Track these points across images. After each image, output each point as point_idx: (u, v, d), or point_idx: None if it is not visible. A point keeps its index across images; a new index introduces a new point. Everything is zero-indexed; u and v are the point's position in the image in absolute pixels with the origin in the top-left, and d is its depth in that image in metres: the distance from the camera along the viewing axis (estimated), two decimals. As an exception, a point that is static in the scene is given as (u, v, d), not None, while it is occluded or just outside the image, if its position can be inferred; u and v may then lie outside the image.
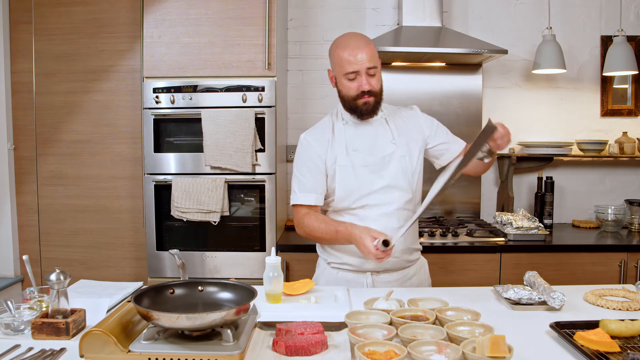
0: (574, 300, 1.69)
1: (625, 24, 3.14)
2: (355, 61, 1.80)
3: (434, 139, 1.98)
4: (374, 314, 1.44)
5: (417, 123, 1.98)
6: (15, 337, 1.37)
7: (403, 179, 1.90)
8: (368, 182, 1.88)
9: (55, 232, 3.05)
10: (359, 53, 1.80)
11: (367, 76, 1.82)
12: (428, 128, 1.98)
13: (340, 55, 1.82)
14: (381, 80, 1.89)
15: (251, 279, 2.71)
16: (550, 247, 2.73)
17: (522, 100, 3.31)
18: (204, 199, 2.68)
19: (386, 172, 1.89)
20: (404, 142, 1.92)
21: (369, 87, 1.82)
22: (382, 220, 1.87)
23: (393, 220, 1.88)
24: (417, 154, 1.94)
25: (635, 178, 3.34)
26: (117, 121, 3.00)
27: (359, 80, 1.83)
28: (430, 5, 2.94)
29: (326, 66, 3.26)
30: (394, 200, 1.89)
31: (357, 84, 1.83)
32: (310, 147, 1.93)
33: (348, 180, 1.89)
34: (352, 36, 1.87)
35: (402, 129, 1.95)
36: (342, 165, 1.90)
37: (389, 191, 1.89)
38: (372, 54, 1.82)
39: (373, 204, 1.89)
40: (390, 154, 1.90)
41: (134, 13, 2.92)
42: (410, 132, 1.95)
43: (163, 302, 1.37)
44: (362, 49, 1.80)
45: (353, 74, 1.82)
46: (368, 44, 1.83)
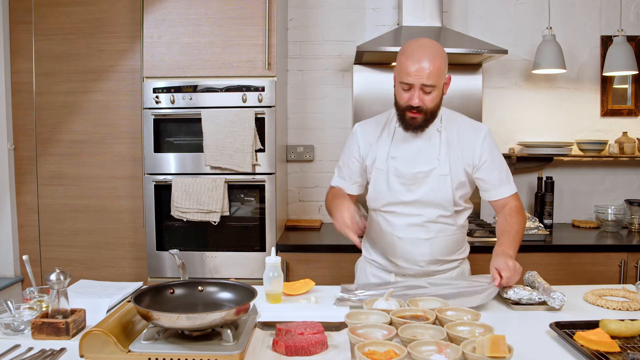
0: (574, 300, 1.69)
1: (625, 24, 3.13)
2: (412, 73, 1.71)
3: (478, 172, 1.87)
4: (374, 314, 1.44)
5: (474, 146, 1.85)
6: (15, 337, 1.37)
7: (439, 196, 1.83)
8: (398, 192, 1.86)
9: (55, 232, 3.05)
10: (419, 66, 1.70)
11: (422, 92, 1.73)
12: (478, 158, 1.85)
13: (402, 61, 1.74)
14: (439, 99, 1.78)
15: (251, 279, 2.71)
16: (550, 247, 2.73)
17: (522, 100, 3.31)
18: (204, 199, 2.68)
19: (419, 187, 1.84)
20: (452, 159, 1.83)
21: (418, 104, 1.74)
22: (409, 229, 1.87)
23: (421, 232, 1.87)
24: (464, 174, 1.85)
25: (635, 178, 3.34)
26: (117, 121, 3.00)
27: (411, 93, 1.74)
28: (430, 5, 2.94)
29: (326, 66, 3.29)
30: (424, 214, 1.85)
31: (408, 96, 1.75)
32: (355, 139, 1.96)
33: (379, 185, 1.89)
34: (423, 45, 1.75)
35: (453, 144, 1.85)
36: (377, 169, 1.89)
37: (419, 205, 1.85)
38: (435, 71, 1.70)
39: (401, 213, 1.87)
40: (428, 170, 1.83)
41: (134, 13, 2.92)
42: (462, 150, 1.85)
43: (163, 302, 1.37)
44: (425, 63, 1.69)
45: (407, 85, 1.74)
46: (434, 59, 1.71)
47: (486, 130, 1.88)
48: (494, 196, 1.89)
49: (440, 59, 1.73)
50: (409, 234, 1.87)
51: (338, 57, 3.28)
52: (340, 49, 3.28)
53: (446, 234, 1.89)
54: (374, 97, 3.23)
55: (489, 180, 1.87)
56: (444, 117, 1.88)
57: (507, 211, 1.87)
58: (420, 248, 1.88)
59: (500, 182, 1.87)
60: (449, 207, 1.85)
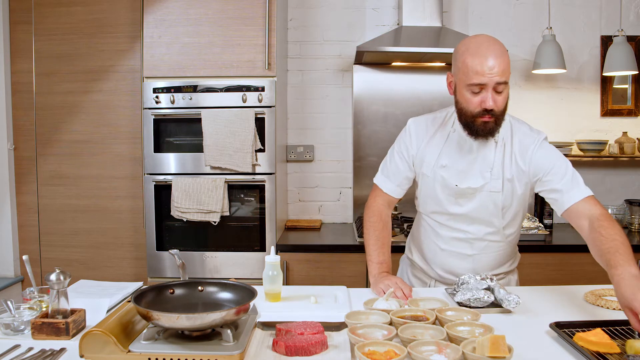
0: (574, 300, 1.69)
1: (625, 24, 3.13)
2: (485, 72, 1.54)
3: (543, 184, 1.67)
4: (374, 314, 1.44)
5: (531, 157, 1.68)
6: (15, 337, 1.37)
7: (487, 213, 1.71)
8: (445, 203, 1.76)
9: (55, 232, 3.05)
10: (490, 62, 1.54)
11: (494, 93, 1.57)
12: (541, 169, 1.66)
13: (468, 62, 1.57)
14: (508, 99, 1.63)
15: (251, 279, 2.71)
16: (550, 247, 2.73)
17: (522, 100, 3.31)
18: (204, 199, 2.68)
19: (467, 202, 1.72)
20: (506, 175, 1.69)
21: (493, 106, 1.57)
22: (452, 242, 1.80)
23: (465, 247, 1.79)
24: (520, 191, 1.70)
25: (635, 178, 3.34)
26: (117, 121, 3.00)
27: (483, 95, 1.57)
28: (430, 5, 2.94)
29: (326, 66, 3.29)
30: (470, 230, 1.76)
31: (480, 99, 1.58)
32: (408, 136, 1.81)
33: (427, 192, 1.80)
34: (486, 41, 1.60)
35: (509, 158, 1.69)
36: (424, 175, 1.78)
37: (466, 220, 1.75)
38: (506, 67, 1.56)
39: (447, 225, 1.79)
40: (478, 187, 1.70)
41: (134, 13, 2.92)
42: (520, 163, 1.68)
43: (163, 302, 1.37)
44: (495, 59, 1.54)
45: (478, 87, 1.57)
46: (503, 54, 1.57)
47: (541, 138, 1.72)
48: (565, 204, 1.62)
49: (506, 53, 1.59)
50: (452, 247, 1.80)
51: (338, 57, 3.28)
52: (340, 49, 3.28)
53: (491, 250, 1.80)
54: (374, 97, 3.23)
55: (554, 189, 1.65)
56: (504, 127, 1.69)
57: (596, 223, 1.53)
58: (462, 263, 1.81)
59: (568, 187, 1.63)
60: (497, 225, 1.75)
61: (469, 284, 1.62)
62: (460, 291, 1.60)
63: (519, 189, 1.70)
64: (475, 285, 1.61)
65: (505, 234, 1.78)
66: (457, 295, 1.60)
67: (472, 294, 1.57)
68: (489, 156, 1.70)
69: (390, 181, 1.86)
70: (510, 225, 1.78)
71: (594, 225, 1.54)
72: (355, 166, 3.28)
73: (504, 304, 1.54)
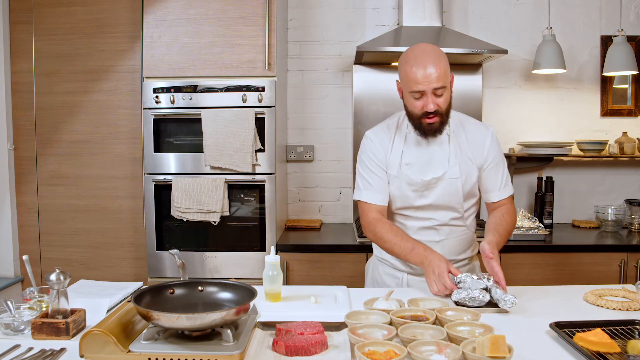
0: (574, 300, 1.69)
1: (625, 24, 3.14)
2: (421, 80, 1.72)
3: (483, 173, 1.90)
4: (374, 314, 1.44)
5: (482, 148, 1.88)
6: (15, 337, 1.37)
7: (451, 199, 1.86)
8: (410, 198, 1.88)
9: (55, 232, 3.05)
10: (426, 72, 1.71)
11: (434, 96, 1.75)
12: (484, 159, 1.88)
13: (407, 71, 1.75)
14: (450, 99, 1.81)
15: (251, 279, 2.71)
16: (550, 247, 2.73)
17: (522, 100, 3.31)
18: (204, 199, 2.68)
19: (431, 192, 1.86)
20: (462, 162, 1.86)
21: (434, 108, 1.75)
22: (421, 232, 1.90)
23: (433, 234, 1.90)
24: (474, 176, 1.88)
25: (635, 178, 3.34)
26: (117, 121, 3.00)
27: (424, 100, 1.76)
28: (430, 5, 2.94)
29: (326, 66, 3.29)
30: (436, 217, 1.89)
31: (422, 103, 1.76)
32: (373, 145, 1.93)
33: (392, 191, 1.91)
34: (422, 51, 1.77)
35: (462, 148, 1.87)
36: (391, 175, 1.90)
37: (431, 209, 1.88)
38: (442, 72, 1.73)
39: (414, 216, 1.91)
40: (439, 176, 1.84)
41: (134, 13, 2.92)
42: (472, 152, 1.87)
43: (163, 302, 1.37)
44: (430, 68, 1.71)
45: (418, 93, 1.75)
46: (438, 61, 1.73)
47: (492, 131, 1.91)
48: (494, 198, 1.91)
49: (443, 59, 1.76)
50: (421, 237, 1.88)
51: (338, 57, 3.28)
52: (340, 49, 3.28)
53: (456, 234, 1.92)
54: (374, 97, 3.23)
55: (492, 182, 1.90)
56: (452, 121, 1.88)
57: (503, 211, 1.90)
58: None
59: (502, 185, 1.91)
60: (459, 209, 1.89)
61: (466, 283, 1.62)
62: (457, 290, 1.60)
63: (473, 173, 1.87)
64: (471, 284, 1.61)
65: (466, 218, 1.93)
66: (453, 295, 1.60)
67: (467, 293, 1.57)
68: (444, 148, 1.87)
69: (377, 192, 1.92)
70: (469, 211, 1.94)
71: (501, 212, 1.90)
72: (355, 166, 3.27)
73: (500, 304, 1.55)
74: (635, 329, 1.39)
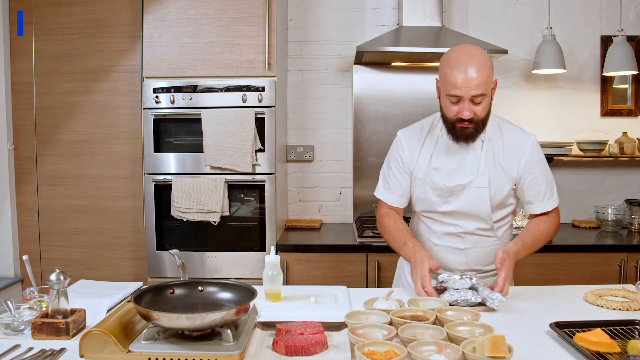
0: (574, 300, 1.69)
1: (625, 24, 3.13)
2: (460, 85, 1.63)
3: (523, 184, 1.78)
4: (374, 314, 1.44)
5: (520, 157, 1.76)
6: (15, 337, 1.37)
7: (477, 209, 1.77)
8: (434, 203, 1.82)
9: (55, 232, 3.05)
10: (467, 77, 1.61)
11: (472, 103, 1.66)
12: (524, 170, 1.76)
13: (447, 72, 1.65)
14: (489, 107, 1.71)
15: (251, 279, 2.71)
16: (550, 247, 2.73)
17: (522, 100, 3.31)
18: (204, 199, 2.68)
19: (456, 199, 1.79)
20: (493, 172, 1.76)
21: (470, 116, 1.66)
22: (445, 238, 1.85)
23: (457, 242, 1.84)
24: (506, 187, 1.77)
25: (635, 178, 3.34)
26: (117, 121, 3.00)
27: (460, 105, 1.67)
28: (430, 5, 2.94)
29: (326, 66, 3.29)
30: (461, 225, 1.81)
31: (457, 108, 1.67)
32: (401, 147, 1.88)
33: (418, 193, 1.86)
34: (465, 54, 1.65)
35: (498, 155, 1.77)
36: (416, 177, 1.85)
37: (456, 216, 1.81)
38: (484, 80, 1.62)
39: (439, 221, 1.85)
40: (465, 183, 1.76)
41: (134, 13, 2.92)
42: (507, 162, 1.76)
43: (163, 302, 1.37)
44: (472, 73, 1.61)
45: (455, 98, 1.66)
46: (482, 67, 1.62)
47: (533, 139, 1.79)
48: (536, 210, 1.82)
49: (487, 65, 1.65)
50: (445, 242, 1.85)
51: (338, 57, 3.28)
52: (340, 49, 3.28)
53: (483, 245, 1.84)
54: (374, 97, 3.23)
55: (533, 194, 1.80)
56: (490, 126, 1.78)
57: (544, 218, 1.83)
58: (456, 257, 1.85)
59: (544, 197, 1.80)
60: (487, 220, 1.80)
61: (449, 282, 1.63)
62: (447, 292, 1.61)
63: (505, 185, 1.77)
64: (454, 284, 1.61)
65: (496, 228, 1.83)
66: (445, 297, 1.60)
67: (459, 295, 1.58)
68: (476, 155, 1.78)
69: (392, 193, 1.92)
70: (501, 221, 1.84)
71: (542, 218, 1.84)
72: (355, 166, 3.28)
73: (487, 303, 1.55)
74: (635, 329, 1.39)
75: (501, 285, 1.62)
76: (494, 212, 1.79)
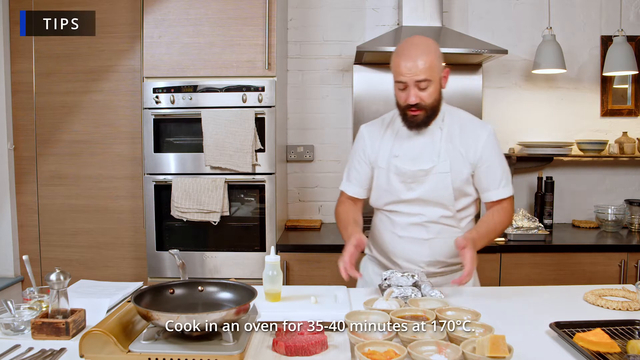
0: (574, 300, 1.69)
1: (625, 24, 3.13)
2: (404, 72, 1.72)
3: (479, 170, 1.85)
4: (374, 314, 1.44)
5: (476, 143, 1.84)
6: (15, 337, 1.37)
7: (439, 194, 1.83)
8: (398, 191, 1.86)
9: (55, 232, 3.05)
10: (409, 64, 1.70)
11: (417, 89, 1.74)
12: (480, 156, 1.83)
13: (395, 61, 1.76)
14: (437, 94, 1.78)
15: (251, 279, 2.70)
16: (550, 247, 2.73)
17: (522, 100, 3.31)
18: (204, 199, 2.68)
19: (419, 185, 1.84)
20: (453, 156, 1.82)
21: (415, 101, 1.74)
22: (409, 228, 1.88)
23: (422, 232, 1.87)
24: (465, 172, 1.84)
25: (635, 178, 3.34)
26: (117, 121, 3.00)
27: (407, 92, 1.75)
28: (430, 5, 2.94)
29: (326, 66, 3.29)
30: (425, 213, 1.85)
31: (405, 95, 1.76)
32: (363, 140, 1.96)
33: (380, 183, 1.90)
34: (411, 43, 1.76)
35: (455, 141, 1.84)
36: (379, 167, 1.90)
37: (420, 204, 1.85)
38: (428, 66, 1.71)
39: (403, 212, 1.88)
40: (428, 168, 1.82)
41: (134, 13, 2.92)
42: (465, 148, 1.84)
43: (163, 302, 1.37)
44: (415, 60, 1.70)
45: (402, 85, 1.75)
46: (425, 54, 1.71)
47: (490, 129, 1.87)
48: (491, 197, 1.88)
49: (431, 53, 1.73)
50: (409, 233, 1.88)
51: (338, 57, 3.28)
52: (340, 49, 3.28)
53: (447, 235, 1.87)
54: (374, 97, 3.23)
55: (488, 181, 1.86)
56: (446, 114, 1.86)
57: (498, 207, 1.88)
58: (421, 248, 1.88)
59: (499, 185, 1.86)
60: (450, 207, 1.85)
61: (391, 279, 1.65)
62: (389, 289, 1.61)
63: (464, 170, 1.84)
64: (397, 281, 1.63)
65: (459, 218, 1.88)
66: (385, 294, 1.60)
67: (399, 291, 1.60)
68: (435, 142, 1.84)
69: (352, 184, 1.99)
70: (464, 212, 1.89)
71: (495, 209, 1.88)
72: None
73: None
74: (635, 329, 1.39)
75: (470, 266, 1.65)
76: (456, 199, 1.84)
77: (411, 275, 1.66)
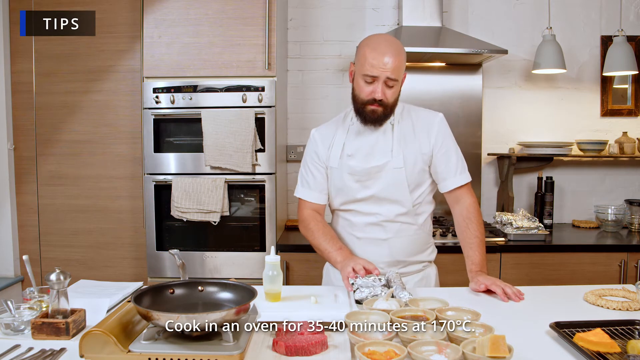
0: (574, 300, 1.69)
1: (625, 24, 3.13)
2: (378, 66, 1.71)
3: (433, 160, 1.84)
4: (374, 314, 1.44)
5: (429, 134, 1.84)
6: (15, 337, 1.37)
7: (395, 191, 1.81)
8: (353, 190, 1.85)
9: (55, 232, 3.05)
10: (385, 59, 1.70)
11: (385, 86, 1.74)
12: (433, 145, 1.83)
13: (366, 54, 1.73)
14: (398, 95, 1.80)
15: (251, 279, 2.70)
16: (550, 247, 2.73)
17: (522, 100, 3.31)
18: (204, 199, 2.68)
19: (374, 183, 1.82)
20: (406, 153, 1.81)
21: (381, 97, 1.74)
22: (367, 229, 1.87)
23: (379, 232, 1.85)
24: (420, 166, 1.83)
25: (635, 178, 3.34)
26: (117, 121, 3.00)
27: (374, 86, 1.74)
28: (430, 5, 2.94)
29: (326, 66, 3.29)
30: (381, 212, 1.84)
31: (371, 89, 1.75)
32: (315, 143, 1.94)
33: (335, 183, 1.89)
34: (385, 40, 1.76)
35: (409, 137, 1.83)
36: (332, 167, 1.89)
37: (376, 202, 1.83)
38: (399, 66, 1.73)
39: (359, 212, 1.86)
40: (382, 165, 1.81)
41: (134, 13, 2.92)
42: (419, 141, 1.83)
43: (163, 302, 1.37)
44: (390, 57, 1.70)
45: (371, 78, 1.74)
46: (398, 54, 1.73)
47: (440, 117, 1.87)
48: (450, 185, 1.85)
49: (402, 54, 1.75)
50: (367, 234, 1.86)
51: (338, 57, 3.28)
52: (340, 49, 3.28)
53: (406, 233, 1.86)
54: (374, 97, 3.22)
55: (445, 169, 1.84)
56: (398, 111, 1.86)
57: (465, 214, 1.85)
58: (379, 248, 1.86)
59: (456, 172, 1.84)
60: (406, 203, 1.83)
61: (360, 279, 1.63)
62: (359, 290, 1.61)
63: (420, 167, 1.83)
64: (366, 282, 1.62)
65: (416, 213, 1.86)
66: (355, 294, 1.61)
67: (370, 291, 1.59)
68: (387, 137, 1.83)
69: (311, 190, 1.94)
70: (420, 206, 1.87)
71: (464, 216, 1.85)
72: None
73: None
74: (635, 329, 1.38)
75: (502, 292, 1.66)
76: (412, 192, 1.83)
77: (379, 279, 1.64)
